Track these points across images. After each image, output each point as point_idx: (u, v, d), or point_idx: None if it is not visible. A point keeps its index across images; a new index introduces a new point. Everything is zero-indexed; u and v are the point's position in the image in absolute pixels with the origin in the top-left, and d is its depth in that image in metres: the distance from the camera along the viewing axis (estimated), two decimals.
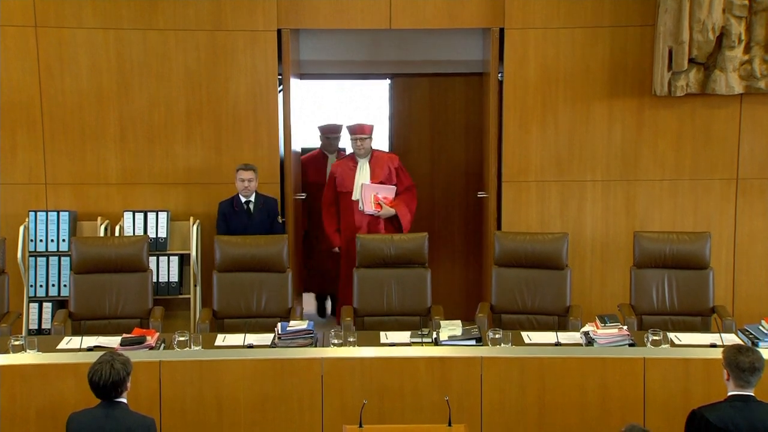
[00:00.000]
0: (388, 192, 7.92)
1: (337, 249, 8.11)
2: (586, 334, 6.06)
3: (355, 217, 7.97)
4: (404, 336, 6.19)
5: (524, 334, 6.25)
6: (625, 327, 6.13)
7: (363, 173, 7.96)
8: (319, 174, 8.67)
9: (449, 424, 5.07)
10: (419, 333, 6.12)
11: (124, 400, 4.61)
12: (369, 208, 7.86)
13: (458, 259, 8.75)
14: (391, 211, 7.88)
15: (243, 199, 7.52)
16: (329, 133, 8.81)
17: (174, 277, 7.71)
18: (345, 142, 8.72)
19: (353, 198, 7.96)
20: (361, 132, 7.98)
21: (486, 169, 8.17)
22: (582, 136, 7.90)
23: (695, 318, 6.84)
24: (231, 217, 7.51)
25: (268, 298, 6.90)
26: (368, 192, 7.87)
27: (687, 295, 6.89)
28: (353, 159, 8.07)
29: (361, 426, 5.05)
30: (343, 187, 8.04)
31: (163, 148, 7.89)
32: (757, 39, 7.58)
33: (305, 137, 9.05)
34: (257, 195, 7.56)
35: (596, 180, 7.92)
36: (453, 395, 5.44)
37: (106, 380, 4.54)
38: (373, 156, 8.05)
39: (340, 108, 10.96)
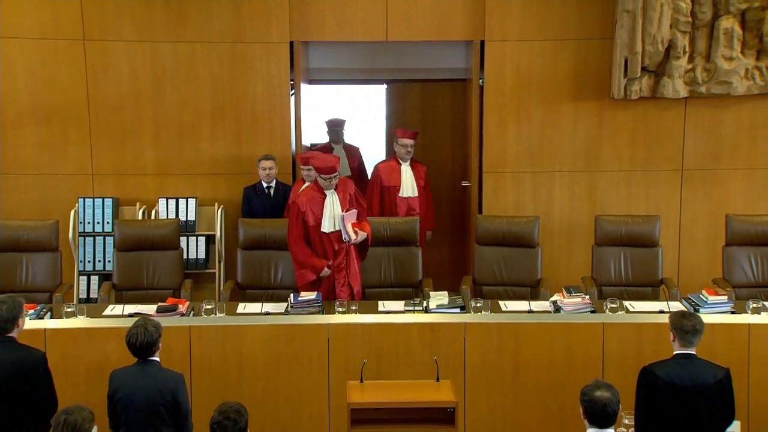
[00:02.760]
0: (352, 217, 6.55)
1: (327, 268, 6.49)
2: (554, 302, 6.06)
3: (328, 249, 6.51)
4: (399, 305, 6.18)
5: (501, 303, 6.23)
6: (588, 296, 6.13)
7: (335, 204, 6.48)
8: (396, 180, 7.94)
9: (437, 380, 5.08)
10: (412, 302, 6.12)
11: (157, 359, 4.60)
12: (353, 237, 6.47)
13: (445, 238, 8.72)
14: (365, 234, 6.53)
15: (265, 185, 7.52)
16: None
17: (201, 254, 7.71)
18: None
19: (332, 229, 6.47)
20: (332, 171, 6.44)
21: (469, 161, 8.15)
22: (551, 133, 7.88)
23: (646, 288, 6.84)
24: (253, 200, 7.51)
25: (283, 272, 6.88)
26: (347, 221, 6.48)
27: (639, 269, 6.89)
28: (320, 190, 6.50)
29: (362, 382, 5.06)
30: (315, 220, 6.48)
31: (192, 143, 7.87)
32: (699, 50, 7.56)
33: (314, 134, 9.01)
34: (277, 182, 7.55)
35: (563, 171, 7.90)
36: (440, 355, 5.44)
37: (141, 341, 4.53)
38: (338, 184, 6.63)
39: (343, 109, 10.93)
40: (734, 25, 7.47)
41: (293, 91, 7.93)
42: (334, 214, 6.46)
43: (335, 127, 8.36)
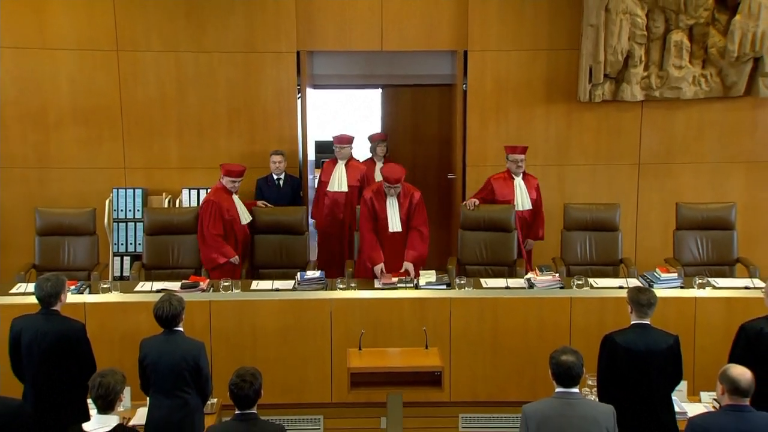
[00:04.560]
0: (387, 278, 6.18)
1: (382, 265, 6.29)
2: (528, 280, 6.09)
3: (386, 244, 6.44)
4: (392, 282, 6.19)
5: (483, 280, 6.26)
6: (557, 274, 6.16)
7: (395, 210, 6.46)
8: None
9: (426, 348, 5.12)
10: (404, 280, 6.14)
11: (181, 329, 4.62)
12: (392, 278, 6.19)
13: (433, 224, 8.63)
14: (410, 265, 6.33)
15: (275, 176, 7.51)
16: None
17: None
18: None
19: (395, 230, 6.47)
20: (396, 183, 6.37)
21: (454, 156, 8.16)
22: (526, 132, 7.88)
23: (608, 267, 6.87)
24: (265, 189, 7.50)
25: (291, 253, 6.89)
26: (384, 280, 6.17)
27: (602, 250, 6.92)
28: (384, 192, 6.49)
29: (360, 349, 5.09)
30: (377, 213, 6.50)
31: (211, 141, 7.87)
32: (654, 60, 7.58)
33: (318, 133, 9.02)
34: (285, 174, 7.55)
35: (536, 164, 7.89)
36: (429, 326, 5.47)
37: (167, 314, 4.55)
38: (401, 189, 6.46)
39: (343, 110, 10.92)
40: (683, 38, 7.50)
41: (300, 94, 7.93)
42: (395, 218, 6.43)
43: (336, 144, 7.60)
